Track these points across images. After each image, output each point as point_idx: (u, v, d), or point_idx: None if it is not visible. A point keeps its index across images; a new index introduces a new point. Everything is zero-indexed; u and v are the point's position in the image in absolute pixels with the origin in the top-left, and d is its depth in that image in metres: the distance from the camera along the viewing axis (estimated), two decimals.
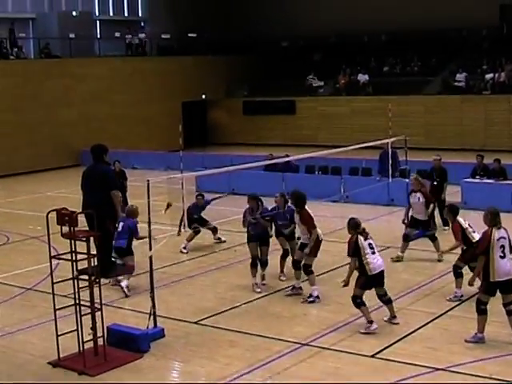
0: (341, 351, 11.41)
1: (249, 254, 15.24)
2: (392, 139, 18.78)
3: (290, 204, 15.17)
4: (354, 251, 12.20)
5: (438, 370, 10.54)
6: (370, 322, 12.18)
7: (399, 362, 10.88)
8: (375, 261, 12.20)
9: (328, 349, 11.52)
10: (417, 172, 23.41)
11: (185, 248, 18.36)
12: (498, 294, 11.46)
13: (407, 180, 18.84)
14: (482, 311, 11.49)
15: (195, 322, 12.96)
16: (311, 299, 13.82)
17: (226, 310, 13.56)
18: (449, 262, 16.15)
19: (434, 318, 12.67)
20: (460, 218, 13.50)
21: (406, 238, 16.66)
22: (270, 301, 14.05)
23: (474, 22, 39.51)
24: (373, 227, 16.77)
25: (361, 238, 12.27)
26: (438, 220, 19.47)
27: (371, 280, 12.19)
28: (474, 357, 10.95)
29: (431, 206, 16.82)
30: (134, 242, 14.88)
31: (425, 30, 40.54)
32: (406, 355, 11.10)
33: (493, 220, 11.47)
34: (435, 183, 19.43)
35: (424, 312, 12.97)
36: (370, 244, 12.30)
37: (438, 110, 37.78)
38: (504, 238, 11.45)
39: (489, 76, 37.76)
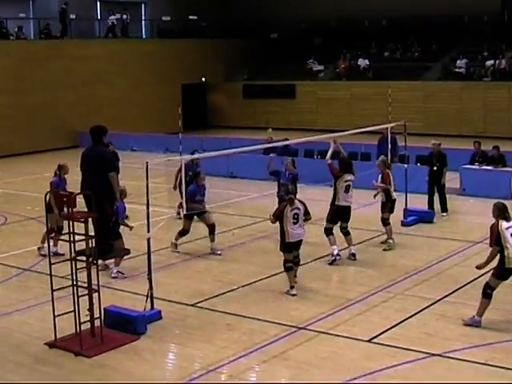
0: (337, 335, 11.44)
1: (246, 238, 15.38)
2: (391, 124, 18.71)
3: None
4: (278, 216, 13.32)
5: (433, 355, 10.57)
6: (292, 287, 13.37)
7: (395, 347, 10.90)
8: (294, 230, 13.23)
9: (325, 333, 11.54)
10: (416, 157, 23.56)
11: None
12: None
13: (406, 165, 18.82)
14: (487, 295, 11.58)
15: (192, 305, 12.98)
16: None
17: (224, 293, 13.57)
18: (447, 247, 16.25)
19: (431, 304, 12.69)
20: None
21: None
22: (268, 284, 14.06)
23: (475, 8, 39.45)
24: (371, 212, 16.84)
25: (288, 206, 13.24)
26: (436, 206, 19.49)
27: (289, 246, 13.35)
28: (470, 343, 10.98)
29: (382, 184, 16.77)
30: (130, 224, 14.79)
31: (426, 15, 40.43)
32: (402, 340, 11.13)
33: (500, 214, 11.60)
34: (435, 168, 19.39)
35: (421, 297, 12.99)
36: (295, 214, 13.24)
37: (437, 96, 37.72)
38: None
39: (489, 63, 37.67)
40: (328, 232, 15.38)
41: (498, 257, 11.53)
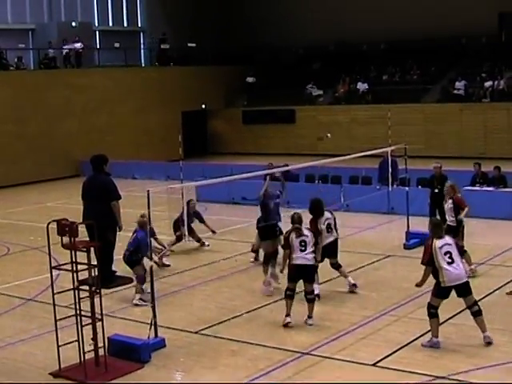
0: (342, 360, 11.40)
1: (249, 264, 15.33)
2: (392, 147, 18.76)
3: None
4: (284, 245, 13.24)
5: (438, 377, 10.54)
6: (287, 315, 12.98)
7: (400, 370, 10.86)
8: (301, 256, 12.92)
9: (329, 358, 11.50)
10: (417, 180, 23.58)
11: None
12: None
13: (407, 188, 18.83)
14: (432, 315, 11.78)
15: (196, 332, 12.95)
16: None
17: (227, 320, 13.54)
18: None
19: None
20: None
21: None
22: (271, 310, 14.03)
23: (472, 30, 39.62)
24: (373, 236, 16.83)
25: (293, 234, 13.03)
26: None
27: (294, 271, 13.03)
28: (475, 365, 10.94)
29: (463, 211, 16.31)
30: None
31: (423, 38, 40.60)
32: (407, 363, 11.09)
33: (433, 231, 11.83)
34: (436, 191, 19.39)
35: (425, 320, 12.90)
36: (301, 241, 13.00)
37: (437, 118, 37.82)
38: (449, 244, 11.66)
39: (488, 84, 37.81)
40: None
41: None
